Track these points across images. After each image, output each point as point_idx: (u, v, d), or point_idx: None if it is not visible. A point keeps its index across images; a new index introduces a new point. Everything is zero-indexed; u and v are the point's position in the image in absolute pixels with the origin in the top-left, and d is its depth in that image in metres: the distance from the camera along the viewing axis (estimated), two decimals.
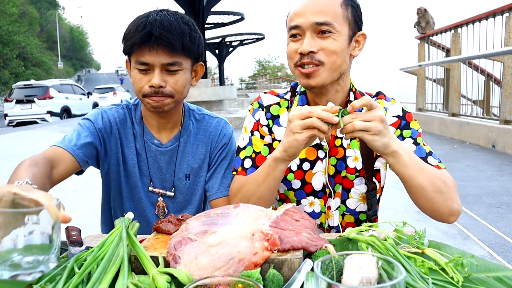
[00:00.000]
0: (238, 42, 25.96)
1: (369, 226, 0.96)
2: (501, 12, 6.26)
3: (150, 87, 1.20)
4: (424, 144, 1.26)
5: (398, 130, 1.26)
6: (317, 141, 1.25)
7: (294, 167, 1.28)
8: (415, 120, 1.29)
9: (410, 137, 1.28)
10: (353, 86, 1.28)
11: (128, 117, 1.36)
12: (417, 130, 1.29)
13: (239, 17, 19.19)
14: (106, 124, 1.32)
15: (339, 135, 1.26)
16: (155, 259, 0.82)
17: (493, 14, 6.47)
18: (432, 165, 1.22)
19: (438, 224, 3.35)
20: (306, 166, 1.28)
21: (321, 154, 1.27)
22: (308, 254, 0.85)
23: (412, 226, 1.04)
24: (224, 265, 0.78)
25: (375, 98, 1.32)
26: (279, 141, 1.28)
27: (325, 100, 1.24)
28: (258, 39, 25.66)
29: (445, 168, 1.21)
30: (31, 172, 1.01)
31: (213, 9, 14.17)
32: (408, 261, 0.82)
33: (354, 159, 1.27)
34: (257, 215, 0.89)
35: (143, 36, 1.16)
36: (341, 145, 1.27)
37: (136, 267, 0.82)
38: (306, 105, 1.26)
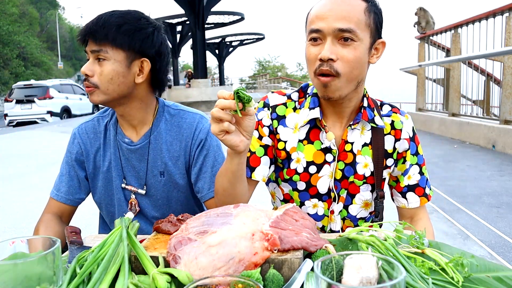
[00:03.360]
0: (238, 42, 25.97)
1: (369, 226, 0.96)
2: (501, 12, 6.26)
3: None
4: (425, 169, 1.34)
5: (404, 152, 1.30)
6: (326, 144, 1.25)
7: (300, 169, 1.27)
8: (420, 144, 1.34)
9: (417, 164, 1.32)
10: (366, 92, 1.28)
11: (98, 125, 1.42)
12: (422, 156, 1.33)
13: (239, 17, 19.21)
14: (77, 148, 1.42)
15: (350, 140, 1.26)
16: (155, 259, 0.82)
17: (493, 14, 6.47)
18: (427, 194, 1.33)
19: (438, 224, 3.35)
20: (312, 169, 1.26)
21: (329, 157, 1.26)
22: (308, 254, 0.85)
23: (412, 226, 1.04)
24: (224, 265, 0.78)
25: (390, 111, 1.31)
26: (285, 142, 1.28)
27: (338, 104, 1.23)
28: (258, 39, 25.67)
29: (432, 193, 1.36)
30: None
31: (213, 9, 14.19)
32: (408, 261, 0.82)
33: (364, 165, 1.27)
34: (257, 215, 0.89)
35: (80, 33, 1.28)
36: (351, 150, 1.26)
37: (136, 267, 0.82)
38: (318, 108, 1.24)
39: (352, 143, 1.26)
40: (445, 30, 8.32)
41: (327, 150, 1.26)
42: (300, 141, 1.27)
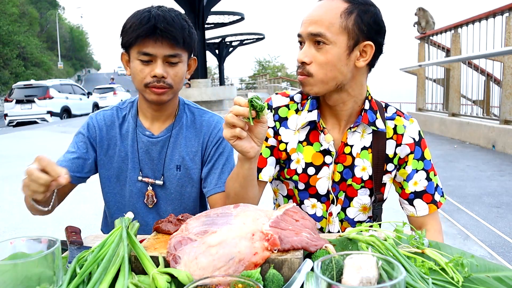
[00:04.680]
0: (238, 42, 25.97)
1: (369, 226, 0.96)
2: (501, 12, 6.26)
3: (153, 77, 1.28)
4: (434, 174, 1.30)
5: (406, 157, 1.28)
6: (325, 146, 1.25)
7: (299, 170, 1.27)
8: (427, 148, 1.30)
9: (423, 169, 1.28)
10: (369, 94, 1.26)
11: (117, 116, 1.43)
12: (430, 161, 1.30)
13: (239, 17, 19.21)
14: (92, 131, 1.41)
15: (349, 142, 1.25)
16: (155, 259, 0.82)
17: (493, 14, 6.47)
18: (436, 201, 1.29)
19: None
20: (311, 170, 1.27)
21: (328, 159, 1.26)
22: (308, 254, 0.85)
23: (412, 226, 1.04)
24: (224, 265, 0.78)
25: (394, 113, 1.30)
26: (286, 143, 1.29)
27: (333, 107, 1.24)
28: (258, 39, 25.67)
29: (444, 200, 1.32)
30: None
31: (213, 9, 14.17)
32: (408, 261, 0.82)
33: (362, 169, 1.26)
34: (257, 215, 0.89)
35: (148, 29, 1.24)
36: (350, 153, 1.26)
37: (136, 267, 0.82)
38: (316, 110, 1.25)
39: (351, 146, 1.26)
40: (445, 30, 8.32)
41: (326, 152, 1.26)
42: (299, 142, 1.28)
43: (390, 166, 1.29)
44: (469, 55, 7.09)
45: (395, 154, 1.28)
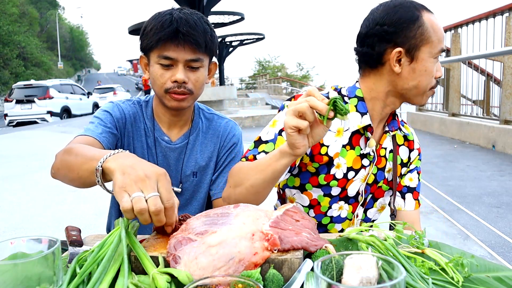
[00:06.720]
0: (238, 42, 25.96)
1: (369, 226, 0.96)
2: (501, 12, 6.26)
3: (173, 82, 1.24)
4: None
5: (414, 160, 1.37)
6: (366, 150, 1.25)
7: (339, 175, 1.23)
8: None
9: (416, 170, 1.38)
10: None
11: (139, 112, 1.39)
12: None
13: (239, 17, 19.20)
14: (122, 115, 1.34)
15: (384, 145, 1.29)
16: (155, 259, 0.82)
17: (493, 14, 6.47)
18: (419, 200, 1.38)
19: (438, 224, 3.35)
20: (351, 175, 1.25)
21: (365, 162, 1.26)
22: (308, 254, 0.85)
23: (412, 226, 1.04)
24: (224, 265, 0.78)
25: (401, 121, 1.36)
26: (327, 146, 1.22)
27: (387, 109, 1.25)
28: (258, 39, 25.66)
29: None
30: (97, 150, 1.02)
31: (213, 9, 14.18)
32: (408, 261, 0.82)
33: (388, 170, 1.31)
34: (257, 215, 0.89)
35: (170, 33, 1.20)
36: (384, 156, 1.29)
37: (136, 267, 0.82)
38: (368, 114, 1.21)
39: (385, 148, 1.30)
40: (445, 30, 8.30)
41: (364, 155, 1.26)
42: (343, 146, 1.23)
43: (404, 170, 1.35)
44: (469, 55, 7.09)
45: (409, 158, 1.35)
